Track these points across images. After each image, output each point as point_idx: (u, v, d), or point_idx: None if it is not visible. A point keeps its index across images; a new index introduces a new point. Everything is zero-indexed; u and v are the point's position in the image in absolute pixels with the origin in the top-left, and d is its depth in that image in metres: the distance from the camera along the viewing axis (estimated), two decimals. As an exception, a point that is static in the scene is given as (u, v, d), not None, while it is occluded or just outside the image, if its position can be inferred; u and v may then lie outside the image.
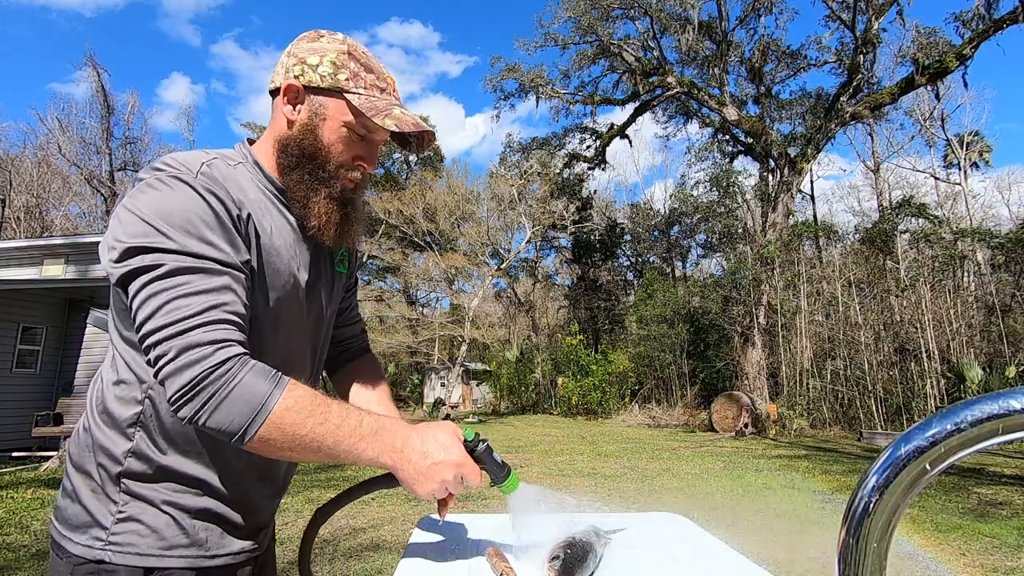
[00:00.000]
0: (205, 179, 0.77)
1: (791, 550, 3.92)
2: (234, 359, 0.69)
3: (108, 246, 0.73)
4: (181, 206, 0.73)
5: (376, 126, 0.86)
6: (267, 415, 0.69)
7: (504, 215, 22.22)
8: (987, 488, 6.05)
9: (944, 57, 15.48)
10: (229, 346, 0.70)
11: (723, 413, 12.99)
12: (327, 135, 0.87)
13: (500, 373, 22.21)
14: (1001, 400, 0.36)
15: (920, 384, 12.79)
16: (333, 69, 0.87)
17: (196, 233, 0.73)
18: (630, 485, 6.42)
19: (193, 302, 0.70)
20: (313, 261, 0.92)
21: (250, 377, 0.70)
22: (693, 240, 27.71)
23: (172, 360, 0.68)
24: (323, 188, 0.88)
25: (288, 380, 0.73)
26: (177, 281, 0.70)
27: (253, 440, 0.69)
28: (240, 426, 0.69)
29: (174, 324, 0.68)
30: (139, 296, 0.70)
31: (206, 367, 0.67)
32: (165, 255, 0.71)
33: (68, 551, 0.80)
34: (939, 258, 15.58)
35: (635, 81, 19.84)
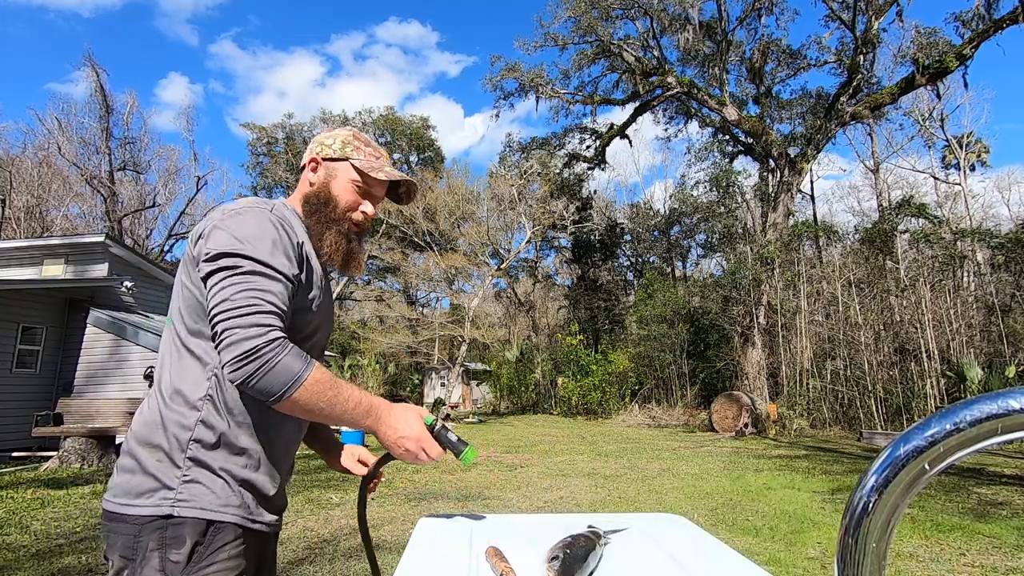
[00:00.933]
0: (275, 214, 1.07)
1: (791, 550, 3.91)
2: (281, 339, 0.93)
3: (204, 251, 0.99)
4: (259, 228, 1.01)
5: (373, 179, 1.20)
6: (300, 384, 0.93)
7: (504, 215, 22.21)
8: (987, 488, 6.05)
9: (944, 57, 15.47)
10: (276, 330, 0.93)
11: (723, 413, 12.99)
12: (336, 188, 1.18)
13: (500, 373, 22.22)
14: (1000, 400, 0.36)
15: (920, 384, 12.79)
16: (342, 145, 1.21)
17: (267, 248, 0.99)
18: (630, 485, 6.42)
19: (257, 295, 0.94)
20: (327, 284, 1.21)
21: (291, 355, 0.93)
22: (693, 240, 27.72)
23: (237, 331, 0.90)
24: (333, 226, 1.16)
25: (315, 361, 0.97)
26: (248, 279, 0.95)
27: (286, 400, 0.93)
28: (280, 389, 0.91)
29: (242, 307, 0.92)
30: (218, 285, 0.95)
31: (263, 340, 0.90)
32: (243, 260, 0.96)
33: (133, 516, 0.95)
34: (939, 258, 15.57)
35: (635, 81, 19.84)
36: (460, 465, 7.91)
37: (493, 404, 22.50)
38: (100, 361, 9.59)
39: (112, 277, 10.49)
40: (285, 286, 0.99)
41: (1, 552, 3.77)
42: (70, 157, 25.03)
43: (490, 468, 7.59)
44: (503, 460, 8.44)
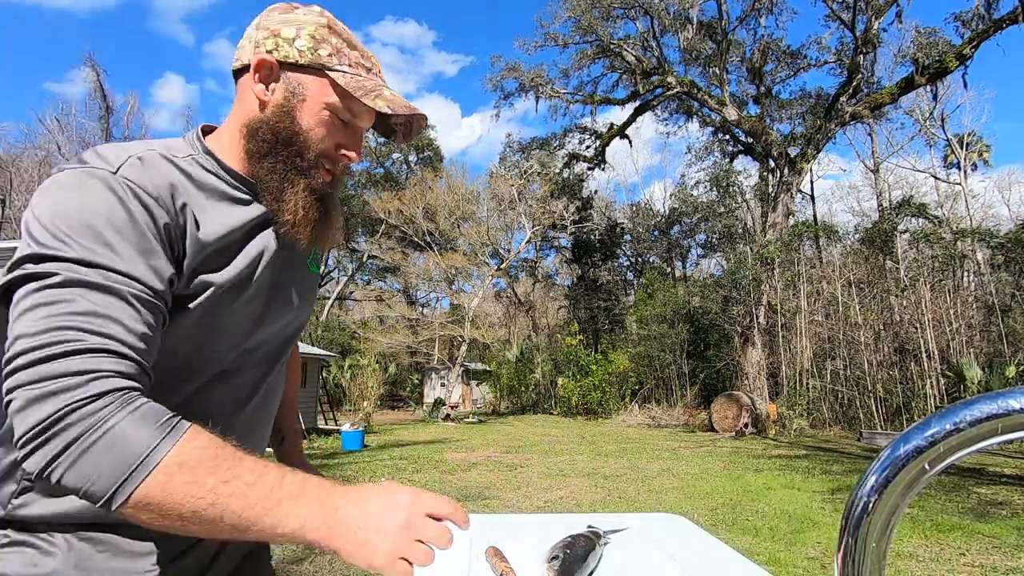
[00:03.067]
0: (128, 176, 0.63)
1: (791, 550, 3.92)
2: (112, 394, 0.53)
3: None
4: (90, 207, 0.60)
5: (364, 107, 0.77)
6: (147, 472, 0.51)
7: (504, 215, 22.23)
8: (987, 488, 6.05)
9: (944, 57, 15.48)
10: (106, 378, 0.54)
11: (723, 413, 12.99)
12: (306, 118, 0.76)
13: (500, 373, 22.22)
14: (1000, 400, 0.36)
15: (920, 384, 12.79)
16: (313, 43, 0.75)
17: (102, 240, 0.59)
18: (630, 485, 6.42)
19: (76, 322, 0.55)
20: (282, 261, 0.80)
21: (128, 421, 0.52)
22: (693, 240, 27.73)
23: (28, 388, 0.52)
24: (301, 179, 0.76)
25: (187, 427, 0.55)
26: (64, 295, 0.56)
27: (126, 506, 0.52)
28: (108, 487, 0.51)
29: (43, 347, 0.53)
30: (16, 310, 0.56)
31: (69, 401, 0.51)
32: (59, 264, 0.57)
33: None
34: (939, 258, 15.58)
35: (635, 81, 19.84)
36: (460, 465, 7.91)
37: (493, 404, 22.51)
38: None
39: (112, 277, 10.49)
40: (141, 298, 0.59)
41: None
42: (69, 157, 25.03)
43: (490, 468, 7.59)
44: (503, 460, 8.44)
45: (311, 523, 0.55)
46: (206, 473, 0.53)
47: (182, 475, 0.52)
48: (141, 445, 0.52)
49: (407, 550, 0.57)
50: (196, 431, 0.56)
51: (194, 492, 0.52)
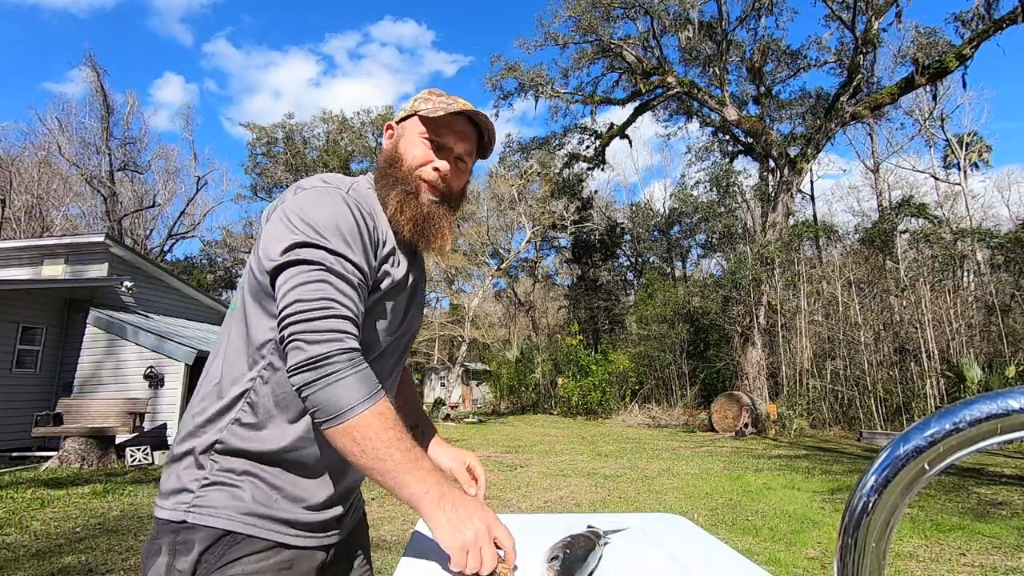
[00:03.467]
0: (353, 196, 0.92)
1: (791, 550, 3.91)
2: (353, 352, 0.81)
3: (275, 237, 0.86)
4: (336, 215, 0.87)
5: (437, 123, 1.00)
6: (363, 410, 0.79)
7: (504, 215, 22.22)
8: (987, 488, 6.05)
9: (944, 57, 15.48)
10: (351, 338, 0.82)
11: (723, 413, 12.99)
12: (404, 146, 1.03)
13: (500, 373, 22.22)
14: (1000, 400, 0.36)
15: (920, 384, 12.79)
16: (412, 103, 1.06)
17: (343, 239, 0.86)
18: (630, 485, 6.42)
19: (337, 296, 0.82)
20: (417, 277, 1.05)
21: (360, 375, 0.80)
22: (693, 240, 27.73)
23: (308, 334, 0.79)
24: (399, 186, 0.99)
25: (384, 395, 0.83)
26: (324, 276, 0.82)
27: (339, 426, 0.78)
28: (340, 408, 0.78)
29: (317, 309, 0.80)
30: (294, 279, 0.82)
31: (334, 348, 0.79)
32: (323, 252, 0.83)
33: (158, 517, 0.88)
34: (939, 258, 15.58)
35: (635, 81, 19.84)
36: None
37: (493, 404, 22.50)
38: (100, 361, 9.59)
39: (112, 277, 10.49)
40: (361, 284, 0.87)
41: (1, 552, 3.77)
42: (70, 157, 25.04)
43: (490, 468, 7.60)
44: (503, 460, 8.44)
45: (430, 493, 0.80)
46: (390, 426, 0.80)
47: (379, 421, 0.79)
48: (365, 393, 0.80)
49: (473, 550, 0.77)
50: (386, 400, 0.82)
51: (380, 435, 0.79)
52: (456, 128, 1.02)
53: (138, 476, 6.99)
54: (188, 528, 0.85)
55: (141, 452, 8.04)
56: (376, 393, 0.80)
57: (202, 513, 0.85)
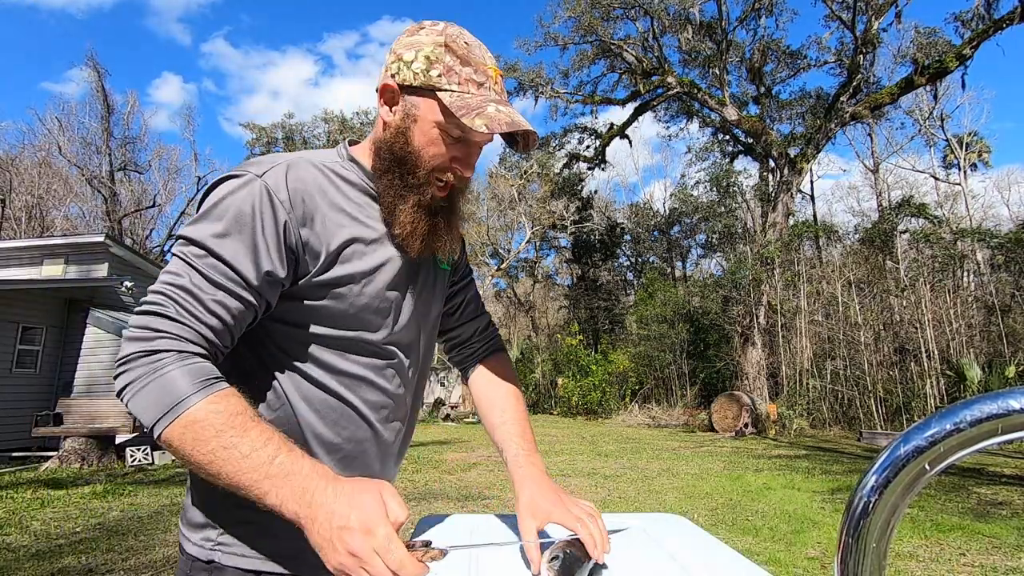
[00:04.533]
0: (268, 181, 0.75)
1: (791, 550, 3.92)
2: (173, 353, 0.66)
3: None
4: (227, 202, 0.73)
5: (467, 127, 0.78)
6: (174, 418, 0.63)
7: (504, 215, 22.24)
8: (987, 488, 6.05)
9: (944, 57, 15.48)
10: (176, 340, 0.67)
11: (723, 413, 12.99)
12: (418, 138, 0.82)
13: (500, 373, 22.19)
14: (1000, 400, 0.36)
15: (920, 384, 12.79)
16: (426, 65, 0.80)
17: (224, 230, 0.72)
18: (630, 485, 6.42)
19: (178, 293, 0.69)
20: (412, 262, 0.89)
21: (179, 372, 0.65)
22: (693, 240, 27.73)
23: (133, 327, 0.68)
24: (412, 195, 0.83)
25: (220, 389, 0.66)
26: (181, 270, 0.71)
27: (162, 436, 0.65)
28: (152, 417, 0.64)
29: (153, 303, 0.69)
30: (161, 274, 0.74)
31: (150, 347, 0.66)
32: (188, 244, 0.73)
33: (186, 550, 0.81)
34: (939, 258, 15.58)
35: (635, 81, 19.84)
36: (460, 465, 7.91)
37: (493, 404, 22.47)
38: (100, 361, 9.59)
39: (112, 277, 10.49)
40: (232, 286, 0.71)
41: (1, 552, 3.77)
42: (70, 157, 25.04)
43: (490, 468, 7.59)
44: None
45: (288, 507, 0.62)
46: (211, 435, 0.63)
47: (191, 431, 0.63)
48: (180, 393, 0.64)
49: (366, 563, 0.59)
50: (225, 395, 0.66)
51: (198, 447, 0.63)
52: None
53: (138, 476, 6.99)
54: (219, 569, 0.79)
55: (141, 452, 8.04)
56: (192, 395, 0.64)
57: (227, 552, 0.79)
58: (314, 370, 0.82)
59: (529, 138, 0.87)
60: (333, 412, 0.84)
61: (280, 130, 29.75)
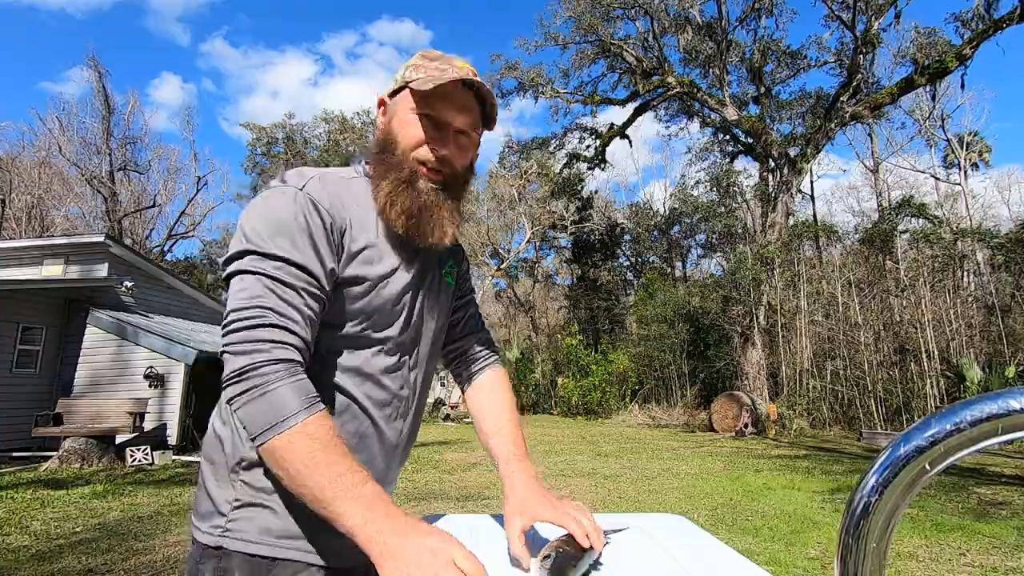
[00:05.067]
0: (309, 191, 0.84)
1: (791, 550, 3.91)
2: (286, 363, 0.73)
3: (230, 247, 0.83)
4: (280, 216, 0.80)
5: (436, 100, 0.88)
6: (285, 429, 0.70)
7: (504, 215, 22.23)
8: (987, 488, 6.05)
9: (944, 57, 15.48)
10: (286, 348, 0.74)
11: (723, 413, 12.99)
12: (396, 125, 0.92)
13: (500, 373, 22.20)
14: (1000, 400, 0.36)
15: (920, 384, 12.78)
16: (403, 71, 0.93)
17: (289, 241, 0.79)
18: (630, 485, 6.42)
19: (274, 303, 0.76)
20: (420, 272, 0.95)
21: (289, 387, 0.72)
22: (693, 240, 27.72)
23: (236, 343, 0.74)
24: (391, 172, 0.89)
25: (321, 409, 0.74)
26: (264, 282, 0.77)
27: (265, 446, 0.71)
28: (260, 427, 0.71)
29: (253, 316, 0.74)
30: (233, 289, 0.78)
31: (260, 359, 0.72)
32: (262, 259, 0.78)
33: (197, 540, 0.85)
34: (939, 258, 15.58)
35: (635, 81, 19.84)
36: (460, 465, 7.91)
37: (493, 404, 22.49)
38: (100, 362, 9.59)
39: (112, 277, 10.49)
40: (310, 290, 0.79)
41: (1, 552, 3.77)
42: (70, 157, 25.04)
43: (490, 468, 7.59)
44: (503, 460, 8.43)
45: (361, 532, 0.68)
46: (316, 449, 0.70)
47: (299, 444, 0.70)
48: (288, 409, 0.71)
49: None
50: (325, 415, 0.74)
51: (303, 458, 0.70)
52: (454, 99, 0.89)
53: (138, 476, 6.99)
54: (227, 555, 0.82)
55: (141, 452, 8.04)
56: (300, 412, 0.71)
57: (235, 538, 0.82)
58: (321, 362, 0.86)
59: (487, 100, 0.93)
60: (338, 406, 0.88)
61: (281, 130, 29.75)
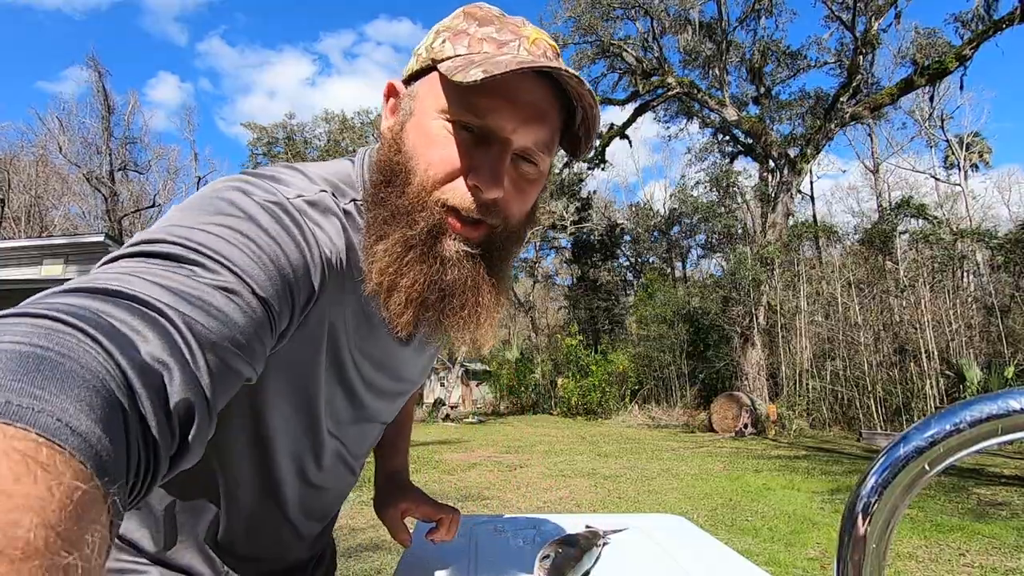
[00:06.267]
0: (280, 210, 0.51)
1: (790, 550, 3.91)
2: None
3: None
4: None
5: (469, 89, 0.50)
6: None
7: (504, 215, 22.19)
8: (986, 489, 6.05)
9: (944, 58, 15.48)
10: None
11: (723, 413, 12.98)
12: (413, 138, 0.55)
13: (500, 373, 22.20)
14: (1000, 400, 0.36)
15: (919, 384, 12.78)
16: (432, 39, 0.57)
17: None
18: (630, 485, 6.42)
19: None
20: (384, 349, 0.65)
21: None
22: (693, 240, 27.72)
23: None
24: (397, 224, 0.53)
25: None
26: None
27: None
28: None
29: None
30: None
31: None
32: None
33: None
34: (939, 259, 15.58)
35: (635, 81, 19.84)
36: (460, 465, 7.91)
37: (493, 404, 22.49)
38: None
39: (112, 277, 10.49)
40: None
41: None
42: (70, 157, 25.04)
43: (490, 468, 7.59)
44: (503, 460, 8.43)
45: None
46: None
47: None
48: None
49: None
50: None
51: None
52: (519, 96, 0.52)
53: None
54: None
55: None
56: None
57: None
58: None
59: (589, 119, 0.57)
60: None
61: (281, 130, 29.74)
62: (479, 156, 0.53)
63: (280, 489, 0.67)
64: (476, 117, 0.53)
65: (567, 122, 0.58)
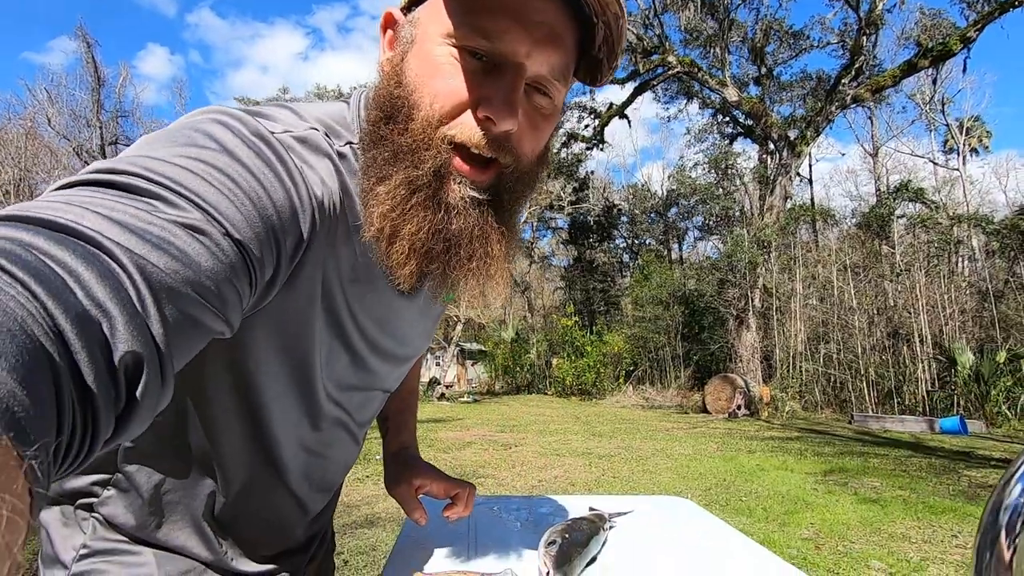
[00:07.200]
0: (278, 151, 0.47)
1: (784, 530, 3.94)
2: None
3: None
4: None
5: (494, 17, 0.46)
6: None
7: (500, 195, 22.05)
8: (976, 471, 6.11)
9: (948, 39, 15.29)
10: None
11: (717, 395, 13.07)
12: (416, 67, 0.50)
13: (495, 353, 22.26)
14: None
15: (912, 368, 12.88)
16: None
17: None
18: (624, 465, 6.45)
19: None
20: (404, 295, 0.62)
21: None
22: (690, 222, 27.66)
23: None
24: (398, 166, 0.48)
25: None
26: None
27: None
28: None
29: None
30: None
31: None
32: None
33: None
34: (935, 243, 15.59)
35: (635, 60, 19.54)
36: (455, 444, 7.94)
37: (488, 384, 22.60)
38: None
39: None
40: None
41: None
42: (60, 129, 24.60)
43: (485, 447, 7.62)
44: (498, 439, 8.47)
45: None
46: None
47: None
48: None
49: None
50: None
51: None
52: (531, 15, 0.47)
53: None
54: None
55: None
56: None
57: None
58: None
59: (613, 29, 0.50)
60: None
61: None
62: (490, 85, 0.48)
63: (278, 455, 0.64)
64: (486, 40, 0.47)
65: (584, 47, 0.52)
